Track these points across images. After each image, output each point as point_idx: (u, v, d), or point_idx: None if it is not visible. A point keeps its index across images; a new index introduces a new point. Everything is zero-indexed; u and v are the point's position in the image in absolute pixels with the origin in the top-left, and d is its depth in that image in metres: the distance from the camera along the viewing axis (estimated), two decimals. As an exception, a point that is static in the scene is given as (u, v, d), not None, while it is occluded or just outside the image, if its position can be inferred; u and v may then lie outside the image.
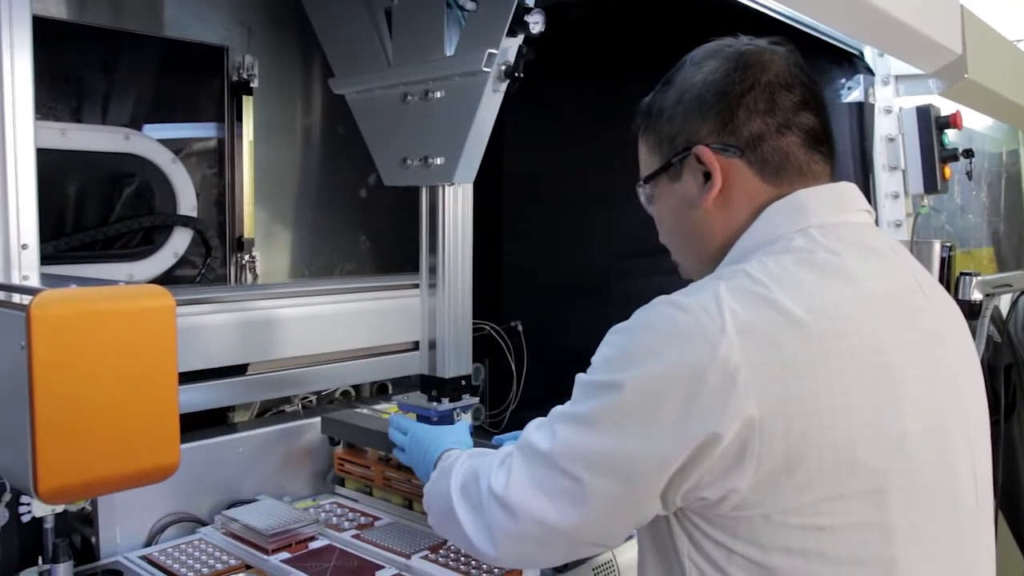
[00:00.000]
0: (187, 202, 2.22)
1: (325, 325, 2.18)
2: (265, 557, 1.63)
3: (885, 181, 2.28)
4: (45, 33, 1.67)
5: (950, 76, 2.14)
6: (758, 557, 1.00)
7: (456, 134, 1.69)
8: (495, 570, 1.57)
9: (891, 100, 2.28)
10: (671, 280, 1.29)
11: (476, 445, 1.57)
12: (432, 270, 1.82)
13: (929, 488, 1.04)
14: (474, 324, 1.90)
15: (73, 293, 1.04)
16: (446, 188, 1.77)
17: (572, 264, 2.67)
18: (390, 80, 1.82)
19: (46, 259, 1.32)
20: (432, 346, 1.83)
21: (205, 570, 1.58)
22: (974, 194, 3.04)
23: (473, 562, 1.60)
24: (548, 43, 1.66)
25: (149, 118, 2.17)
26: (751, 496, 0.97)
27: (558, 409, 1.12)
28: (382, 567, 1.61)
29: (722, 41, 1.19)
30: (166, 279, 2.18)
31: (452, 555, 1.63)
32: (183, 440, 1.13)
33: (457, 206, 1.80)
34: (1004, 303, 2.91)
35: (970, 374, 1.18)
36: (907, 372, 1.04)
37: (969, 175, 2.58)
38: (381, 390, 2.50)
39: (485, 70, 1.61)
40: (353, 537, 1.74)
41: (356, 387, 2.40)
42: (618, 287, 2.55)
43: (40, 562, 1.46)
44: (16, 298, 1.08)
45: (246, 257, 2.36)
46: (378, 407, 2.24)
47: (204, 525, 1.80)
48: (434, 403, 1.80)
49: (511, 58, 1.64)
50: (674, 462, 0.99)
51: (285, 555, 1.64)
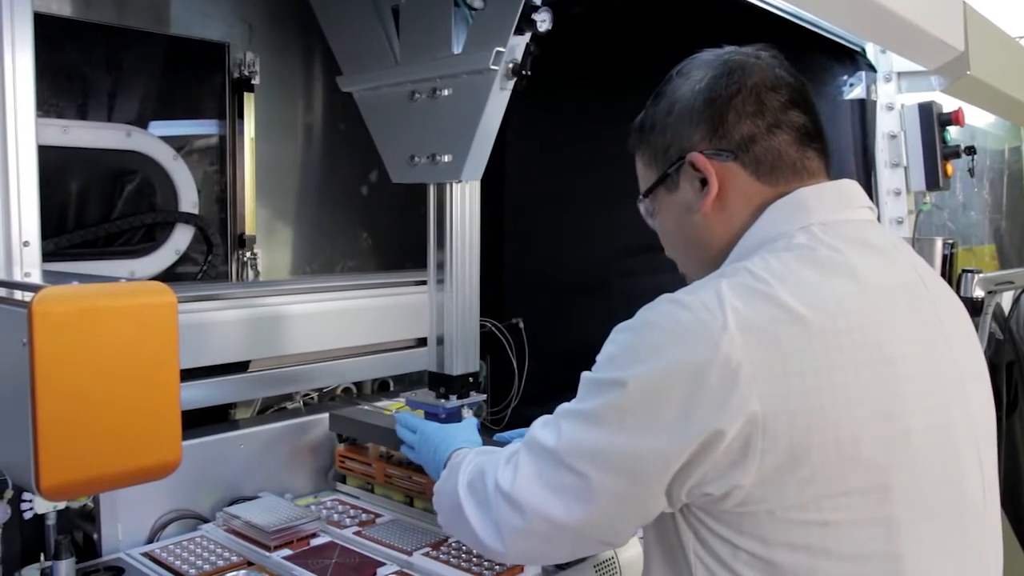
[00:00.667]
0: (188, 199, 2.22)
1: (327, 322, 2.18)
2: (267, 554, 1.63)
3: (887, 178, 2.28)
4: (47, 30, 1.68)
5: (952, 73, 2.14)
6: (762, 552, 1.00)
7: (464, 132, 1.70)
8: (495, 568, 1.57)
9: (893, 97, 2.28)
10: (672, 277, 1.29)
11: (485, 444, 1.57)
12: (440, 266, 1.82)
13: (934, 484, 1.04)
14: (476, 321, 1.90)
15: (75, 290, 1.04)
16: (454, 185, 1.78)
17: (573, 261, 2.67)
18: (398, 78, 1.83)
19: (48, 256, 1.32)
20: (440, 342, 1.83)
21: (207, 567, 1.58)
22: (976, 191, 3.03)
23: (474, 559, 1.60)
24: (549, 40, 1.66)
25: (151, 115, 2.17)
26: (755, 492, 0.98)
27: (564, 406, 1.13)
28: (383, 564, 1.61)
29: (706, 51, 1.22)
30: (168, 276, 2.18)
31: (453, 552, 1.63)
32: (185, 437, 1.13)
33: (465, 203, 1.80)
34: (1006, 300, 2.91)
35: (975, 371, 1.18)
36: (910, 368, 1.04)
37: (971, 172, 2.58)
38: (383, 387, 2.50)
39: (493, 68, 1.62)
40: (354, 534, 1.74)
41: (358, 384, 2.41)
42: (619, 284, 2.55)
43: (42, 559, 1.46)
44: (18, 295, 1.08)
45: (247, 254, 2.36)
46: (379, 404, 2.24)
47: (206, 522, 1.80)
48: (442, 400, 1.80)
49: (518, 56, 1.65)
50: (678, 459, 0.99)
51: (287, 552, 1.64)
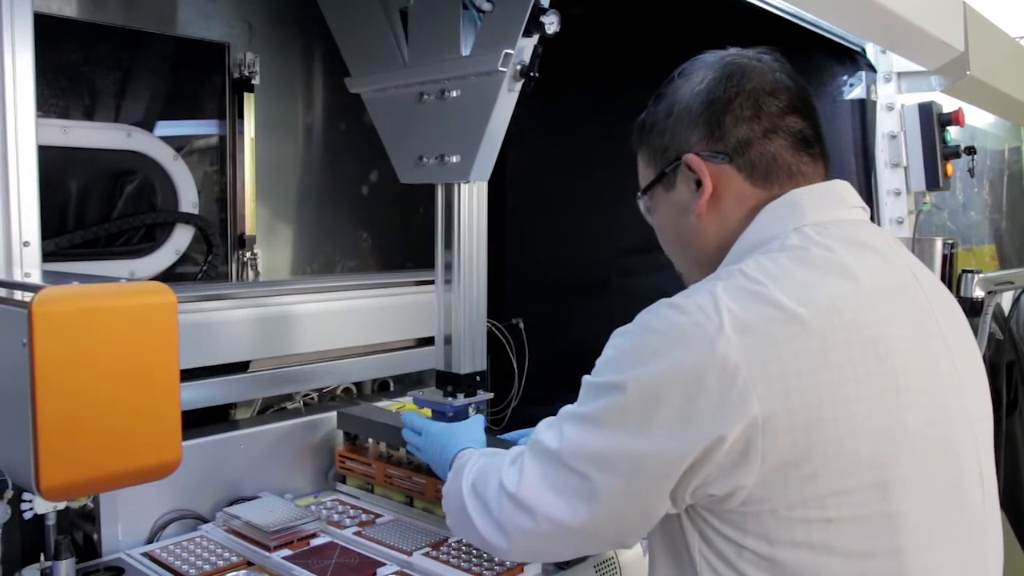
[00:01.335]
0: (189, 199, 2.22)
1: (327, 322, 2.18)
2: (267, 554, 1.63)
3: (887, 178, 2.28)
4: (46, 30, 1.68)
5: (952, 73, 2.14)
6: (767, 551, 1.00)
7: (472, 133, 1.71)
8: (495, 568, 1.57)
9: (893, 97, 2.28)
10: (672, 276, 1.30)
11: (490, 443, 1.59)
12: (448, 266, 1.83)
13: (933, 479, 1.05)
14: (476, 321, 1.90)
15: (75, 290, 1.04)
16: (462, 186, 1.78)
17: (574, 261, 2.67)
18: (406, 79, 1.84)
19: (48, 256, 1.32)
20: (448, 341, 1.84)
21: (207, 567, 1.58)
22: (976, 191, 3.03)
23: (474, 559, 1.60)
24: (550, 40, 1.66)
25: (151, 115, 2.17)
26: (757, 491, 0.98)
27: (565, 409, 1.14)
28: (383, 564, 1.61)
29: (709, 53, 1.22)
30: (168, 276, 2.18)
31: (453, 552, 1.63)
32: (185, 437, 1.13)
33: (472, 203, 1.81)
34: (1006, 300, 2.91)
35: (972, 370, 1.18)
36: (906, 364, 1.04)
37: (971, 172, 2.58)
38: (383, 387, 2.50)
39: (501, 70, 1.63)
40: (354, 534, 1.74)
41: (358, 384, 2.41)
42: (619, 284, 2.55)
43: (42, 559, 1.46)
44: (18, 295, 1.08)
45: (248, 254, 2.36)
46: (380, 404, 2.25)
47: (206, 522, 1.80)
48: (449, 399, 1.80)
49: (526, 58, 1.66)
50: (681, 463, 1.00)
51: (287, 552, 1.64)
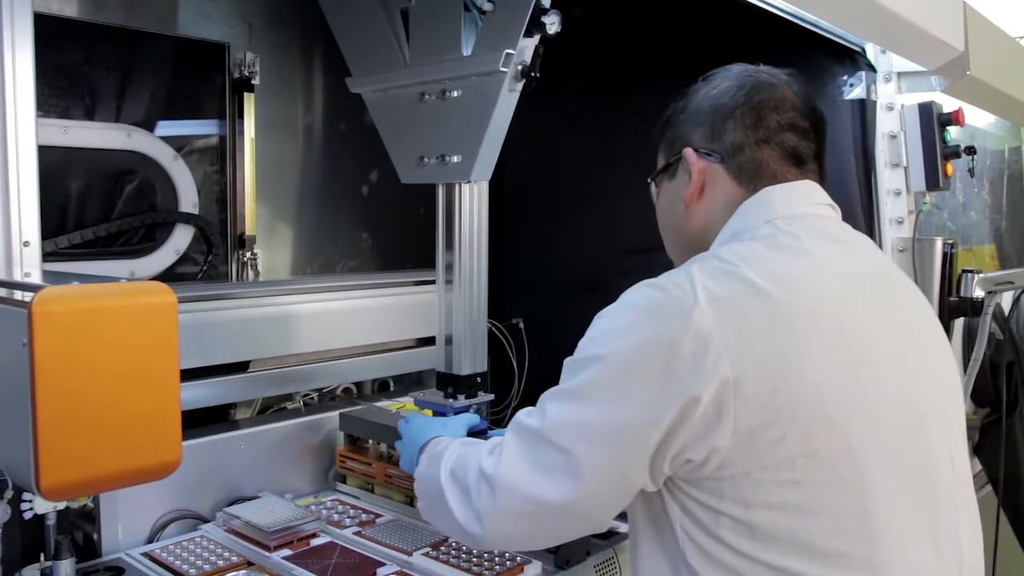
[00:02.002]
0: (189, 199, 2.22)
1: (327, 322, 2.18)
2: (267, 554, 1.63)
3: (887, 178, 2.27)
4: (46, 30, 1.68)
5: (952, 73, 2.14)
6: (743, 515, 1.05)
7: (473, 132, 1.71)
8: (495, 568, 1.57)
9: (893, 97, 2.28)
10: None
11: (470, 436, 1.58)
12: (449, 267, 1.83)
13: (899, 443, 1.11)
14: (476, 321, 1.90)
15: (75, 290, 1.04)
16: (463, 186, 1.79)
17: (574, 261, 2.67)
18: (407, 79, 1.84)
19: (48, 256, 1.32)
20: (448, 342, 1.84)
21: (207, 567, 1.58)
22: (976, 191, 3.03)
23: (474, 559, 1.60)
24: (551, 40, 1.67)
25: (151, 115, 2.17)
26: (732, 454, 1.04)
27: (547, 391, 1.19)
28: (383, 564, 1.61)
29: (737, 64, 1.32)
30: (168, 276, 2.18)
31: (453, 552, 1.63)
32: (185, 437, 1.13)
33: (474, 203, 1.82)
34: (1006, 300, 2.91)
35: (942, 360, 1.26)
36: (869, 340, 1.12)
37: (971, 172, 2.57)
38: (383, 387, 2.50)
39: (503, 70, 1.64)
40: (355, 534, 1.74)
41: (358, 384, 2.41)
42: (619, 284, 2.53)
43: (42, 559, 1.46)
44: (18, 295, 1.08)
45: (248, 254, 2.36)
46: (380, 404, 2.25)
47: (206, 522, 1.80)
48: (450, 400, 1.81)
49: (528, 58, 1.67)
50: (659, 426, 1.05)
51: (287, 552, 1.64)
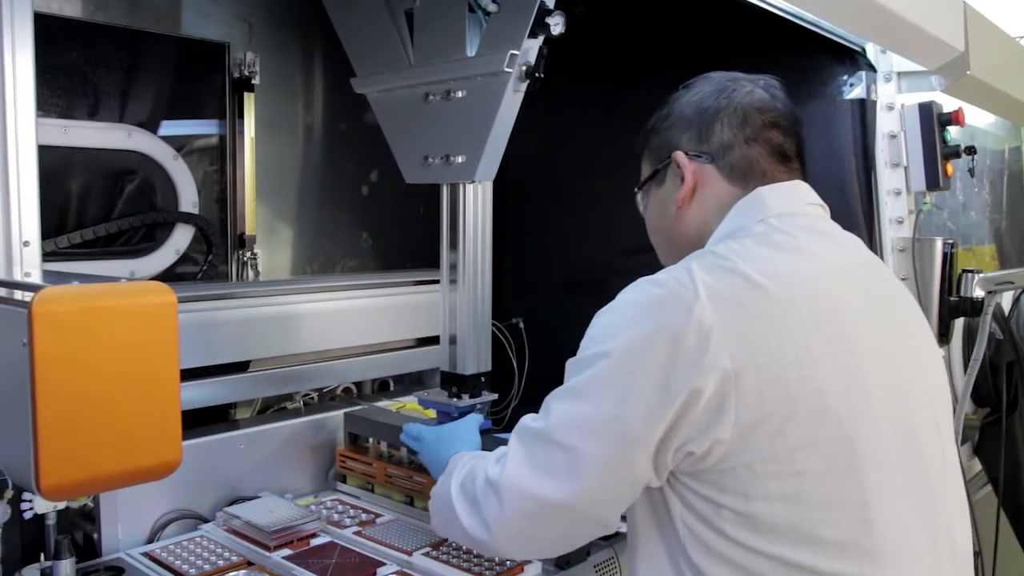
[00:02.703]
0: (189, 199, 2.22)
1: (327, 322, 2.18)
2: (267, 554, 1.63)
3: (887, 178, 2.27)
4: (46, 30, 1.68)
5: (952, 73, 2.14)
6: (744, 507, 1.07)
7: (477, 133, 1.72)
8: (495, 568, 1.57)
9: (893, 97, 2.28)
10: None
11: (487, 442, 1.60)
12: (453, 267, 1.83)
13: (894, 434, 1.13)
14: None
15: (75, 290, 1.04)
16: (467, 186, 1.79)
17: (574, 261, 2.67)
18: (412, 80, 1.84)
19: (48, 256, 1.32)
20: (452, 342, 1.85)
21: (207, 567, 1.58)
22: (976, 191, 3.03)
23: (474, 559, 1.60)
24: (554, 40, 1.67)
25: (151, 115, 2.17)
26: (733, 446, 1.06)
27: (552, 393, 1.20)
28: (383, 564, 1.61)
29: (717, 72, 1.35)
30: (168, 276, 2.19)
31: (454, 552, 1.63)
32: (185, 437, 1.13)
33: (478, 203, 1.82)
34: (1006, 300, 2.91)
35: (929, 352, 1.29)
36: (864, 330, 1.15)
37: (971, 172, 2.57)
38: (383, 387, 2.50)
39: (507, 71, 1.64)
40: (355, 534, 1.74)
41: (358, 384, 2.41)
42: (619, 284, 2.54)
43: (42, 559, 1.46)
44: (18, 295, 1.08)
45: (248, 254, 2.36)
46: (381, 404, 2.25)
47: (206, 522, 1.80)
48: (454, 399, 1.81)
49: (532, 59, 1.68)
50: (663, 420, 1.07)
51: (287, 552, 1.64)
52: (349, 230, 2.67)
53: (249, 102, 2.32)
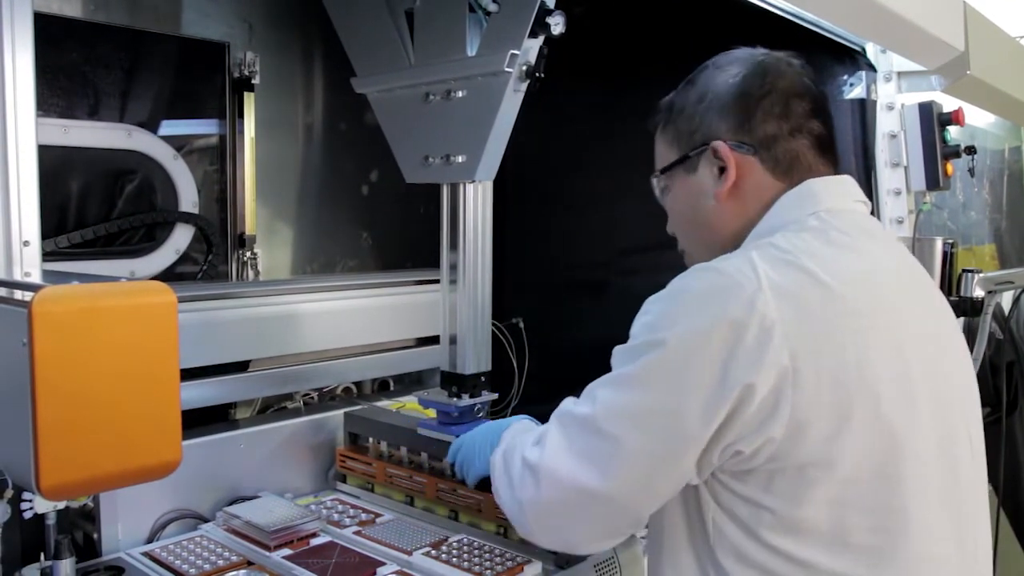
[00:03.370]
0: (189, 199, 2.22)
1: (327, 322, 2.18)
2: (267, 554, 1.63)
3: (887, 178, 2.27)
4: (46, 29, 1.68)
5: (952, 73, 2.14)
6: (787, 511, 1.05)
7: (478, 132, 1.72)
8: (496, 567, 1.57)
9: (893, 96, 2.28)
10: (672, 276, 1.30)
11: None
12: (453, 267, 1.83)
13: (934, 444, 1.12)
14: (476, 321, 1.90)
15: (74, 290, 1.04)
16: (467, 185, 1.79)
17: (574, 261, 2.67)
18: (412, 80, 1.84)
19: (48, 256, 1.32)
20: (453, 342, 1.85)
21: (207, 567, 1.58)
22: (976, 191, 3.03)
23: (475, 558, 1.60)
24: (555, 40, 1.67)
25: (151, 114, 2.17)
26: (783, 446, 1.03)
27: (598, 380, 1.16)
28: (383, 563, 1.61)
29: (743, 50, 1.28)
30: (168, 276, 2.18)
31: (454, 551, 1.63)
32: (185, 437, 1.13)
33: (478, 203, 1.82)
34: (1006, 300, 2.91)
35: (959, 348, 1.28)
36: (915, 338, 1.14)
37: (971, 172, 2.57)
38: (383, 386, 2.50)
39: (507, 70, 1.64)
40: (355, 534, 1.74)
41: (358, 384, 2.41)
42: (619, 284, 2.55)
43: (42, 558, 1.46)
44: (18, 295, 1.08)
45: (248, 254, 2.36)
46: (381, 403, 2.25)
47: (206, 522, 1.80)
48: (454, 399, 1.81)
49: (532, 58, 1.67)
50: (716, 416, 1.03)
51: (287, 552, 1.64)
52: (349, 230, 2.67)
53: (249, 102, 2.32)
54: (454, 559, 1.60)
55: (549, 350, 2.68)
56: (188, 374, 1.85)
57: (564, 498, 1.15)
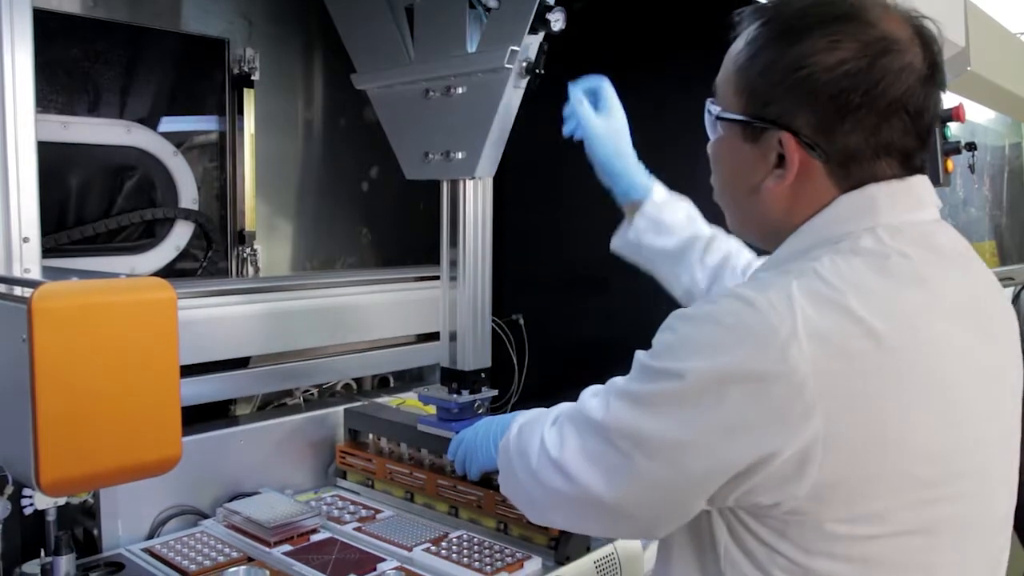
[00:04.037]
0: (188, 195, 2.22)
1: (327, 318, 2.18)
2: (267, 550, 1.63)
3: (887, 174, 2.27)
4: (46, 26, 1.67)
5: (953, 69, 2.14)
6: (801, 559, 0.98)
7: (478, 129, 1.72)
8: (495, 563, 1.57)
9: (893, 93, 2.27)
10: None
11: None
12: (453, 263, 1.84)
13: (973, 499, 1.03)
14: (476, 317, 1.90)
15: (74, 286, 1.04)
16: (467, 182, 1.79)
17: (574, 257, 2.67)
18: (412, 76, 1.84)
19: (47, 252, 1.32)
20: (452, 338, 1.85)
21: (207, 563, 1.58)
22: (976, 187, 3.03)
23: (475, 554, 1.60)
24: (555, 36, 1.67)
25: (150, 111, 2.16)
26: (806, 504, 0.95)
27: (616, 381, 1.09)
28: (383, 559, 1.61)
29: (845, 4, 1.04)
30: (167, 272, 2.18)
31: (454, 547, 1.63)
32: (185, 433, 1.13)
33: (478, 200, 1.82)
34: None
35: (1017, 389, 1.15)
36: (968, 387, 1.02)
37: (972, 168, 2.58)
38: (383, 383, 2.50)
39: (508, 67, 1.64)
40: (355, 530, 1.74)
41: (358, 380, 2.41)
42: (619, 281, 2.55)
43: (42, 554, 1.46)
44: (17, 291, 1.08)
45: (247, 250, 2.36)
46: (381, 400, 2.25)
47: (206, 518, 1.80)
48: (454, 395, 1.81)
49: (532, 55, 1.68)
50: (729, 470, 0.96)
51: (287, 548, 1.64)
52: (349, 226, 2.67)
53: (249, 98, 2.32)
54: (454, 555, 1.60)
55: (549, 346, 2.68)
56: (188, 370, 1.85)
57: (577, 496, 1.10)
